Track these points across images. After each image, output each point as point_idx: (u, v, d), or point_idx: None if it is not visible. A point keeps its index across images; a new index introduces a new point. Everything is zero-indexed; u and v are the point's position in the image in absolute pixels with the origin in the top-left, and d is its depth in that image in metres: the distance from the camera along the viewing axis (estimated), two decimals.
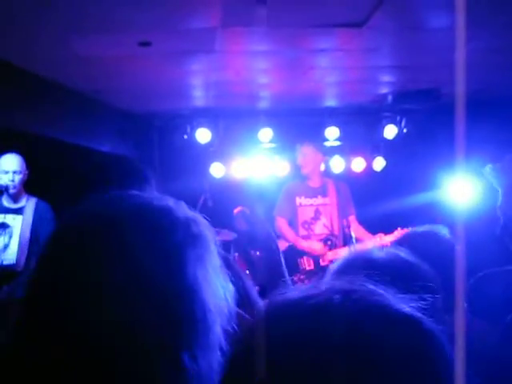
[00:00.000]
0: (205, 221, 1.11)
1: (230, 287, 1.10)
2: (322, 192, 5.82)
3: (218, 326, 1.03)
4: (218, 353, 1.01)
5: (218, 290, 1.05)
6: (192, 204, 1.63)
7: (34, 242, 5.11)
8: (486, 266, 1.97)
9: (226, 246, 6.71)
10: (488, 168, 2.93)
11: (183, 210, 1.10)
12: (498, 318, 1.55)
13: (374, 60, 5.35)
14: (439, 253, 1.48)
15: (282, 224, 5.84)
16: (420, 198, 6.38)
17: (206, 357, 1.00)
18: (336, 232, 5.77)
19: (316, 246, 5.59)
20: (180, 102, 6.98)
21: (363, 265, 1.36)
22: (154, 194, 1.42)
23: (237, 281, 1.16)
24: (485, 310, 1.64)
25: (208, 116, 7.32)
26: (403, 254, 1.38)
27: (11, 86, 5.07)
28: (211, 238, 1.08)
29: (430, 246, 1.76)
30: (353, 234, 5.40)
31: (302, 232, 5.79)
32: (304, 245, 5.62)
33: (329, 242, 5.62)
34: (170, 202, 1.11)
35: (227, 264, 1.15)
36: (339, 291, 0.78)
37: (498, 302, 1.60)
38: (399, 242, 1.49)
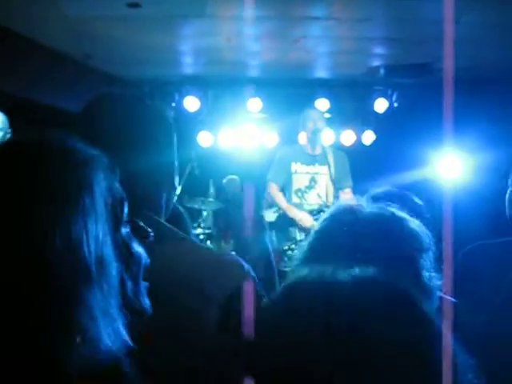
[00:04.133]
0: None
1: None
2: (320, 160, 5.62)
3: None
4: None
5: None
6: (178, 173, 1.56)
7: None
8: (474, 241, 1.94)
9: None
10: None
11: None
12: (488, 289, 1.53)
13: (367, 31, 5.26)
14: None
15: (273, 190, 5.68)
16: (409, 174, 6.33)
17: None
18: (330, 203, 5.63)
19: (306, 220, 5.41)
20: (169, 69, 6.87)
21: (350, 218, 1.30)
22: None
23: None
24: (474, 281, 1.61)
25: (197, 84, 7.22)
26: (393, 209, 1.31)
27: None
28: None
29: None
30: None
31: (295, 200, 5.62)
32: (295, 213, 5.47)
33: (321, 213, 5.47)
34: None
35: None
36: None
37: (487, 274, 1.57)
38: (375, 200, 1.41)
